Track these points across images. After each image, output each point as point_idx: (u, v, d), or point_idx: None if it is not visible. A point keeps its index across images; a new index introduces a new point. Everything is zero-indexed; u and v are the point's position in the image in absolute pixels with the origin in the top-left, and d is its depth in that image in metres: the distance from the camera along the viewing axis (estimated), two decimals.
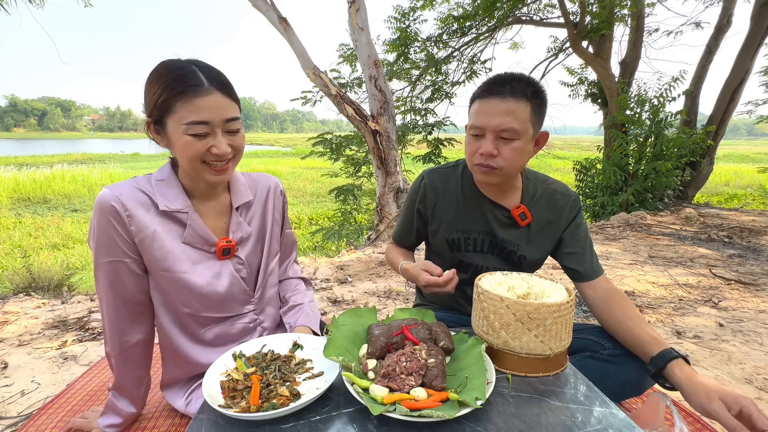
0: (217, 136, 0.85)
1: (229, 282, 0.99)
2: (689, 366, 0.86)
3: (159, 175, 0.94)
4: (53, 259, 5.75)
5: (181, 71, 0.83)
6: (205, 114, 0.82)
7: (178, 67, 0.84)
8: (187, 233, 0.94)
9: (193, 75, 0.83)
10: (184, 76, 0.82)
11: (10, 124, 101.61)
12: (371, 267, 3.62)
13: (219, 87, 0.84)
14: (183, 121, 0.82)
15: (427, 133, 8.00)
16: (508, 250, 1.16)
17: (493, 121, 0.97)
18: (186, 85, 0.81)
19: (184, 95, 0.81)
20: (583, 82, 7.51)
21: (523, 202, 1.14)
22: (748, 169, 16.92)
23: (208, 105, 0.82)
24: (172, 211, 0.91)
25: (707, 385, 0.80)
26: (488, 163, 1.00)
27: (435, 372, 0.74)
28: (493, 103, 0.97)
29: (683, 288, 2.91)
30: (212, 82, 0.84)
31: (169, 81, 0.82)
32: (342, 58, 8.13)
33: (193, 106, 0.81)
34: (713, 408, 0.77)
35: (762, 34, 5.96)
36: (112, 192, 0.86)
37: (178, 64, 0.85)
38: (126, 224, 0.87)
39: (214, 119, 0.84)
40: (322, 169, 12.69)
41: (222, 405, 0.71)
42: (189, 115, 0.82)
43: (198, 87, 0.82)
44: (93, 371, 1.68)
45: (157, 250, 0.90)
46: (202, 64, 0.87)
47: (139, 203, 0.89)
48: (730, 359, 1.89)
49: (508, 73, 1.02)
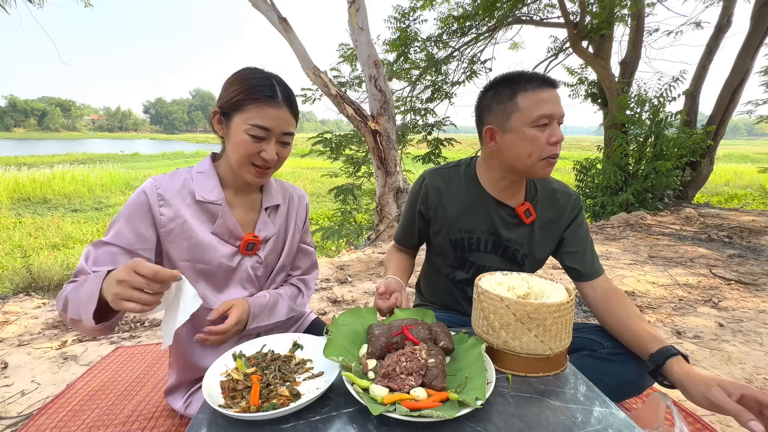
0: (271, 143, 0.95)
1: (245, 278, 1.05)
2: (688, 363, 0.86)
3: (199, 168, 1.03)
4: (53, 259, 5.75)
5: (262, 81, 0.93)
6: (269, 122, 0.92)
7: (260, 76, 0.94)
8: (218, 224, 1.00)
9: (270, 87, 0.93)
10: (263, 86, 0.92)
11: (10, 124, 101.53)
12: (371, 267, 3.62)
13: (288, 103, 0.95)
14: (249, 121, 0.91)
15: (427, 133, 8.00)
16: (511, 250, 1.16)
17: (559, 109, 0.99)
18: (263, 93, 0.91)
19: (258, 101, 0.91)
20: (583, 82, 7.51)
21: (527, 200, 1.14)
22: (748, 169, 16.93)
23: (274, 115, 0.92)
24: (207, 201, 0.99)
25: (706, 375, 0.81)
26: (557, 151, 1.02)
27: (435, 372, 0.74)
28: (554, 93, 1.00)
29: (683, 288, 2.91)
30: (284, 97, 0.94)
31: (249, 85, 0.92)
32: (342, 58, 8.13)
33: (262, 112, 0.91)
34: (713, 394, 0.76)
35: (762, 34, 5.96)
36: (153, 182, 0.95)
37: (260, 73, 0.95)
38: (155, 214, 0.94)
39: (275, 128, 0.93)
40: (322, 169, 12.71)
41: (222, 405, 0.71)
42: (255, 118, 0.91)
43: (272, 98, 0.92)
44: (93, 371, 1.68)
45: (185, 240, 0.97)
46: (280, 80, 0.97)
47: (177, 193, 0.97)
48: (730, 359, 1.89)
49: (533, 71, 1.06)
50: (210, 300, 1.01)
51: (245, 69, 0.97)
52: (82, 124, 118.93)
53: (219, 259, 0.99)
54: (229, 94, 0.93)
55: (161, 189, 0.95)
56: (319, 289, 2.98)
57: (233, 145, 0.94)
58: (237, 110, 0.92)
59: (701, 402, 0.79)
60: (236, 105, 0.92)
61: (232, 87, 0.93)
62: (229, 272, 1.02)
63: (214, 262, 0.99)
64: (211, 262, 0.99)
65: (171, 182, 0.97)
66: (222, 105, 0.95)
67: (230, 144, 0.95)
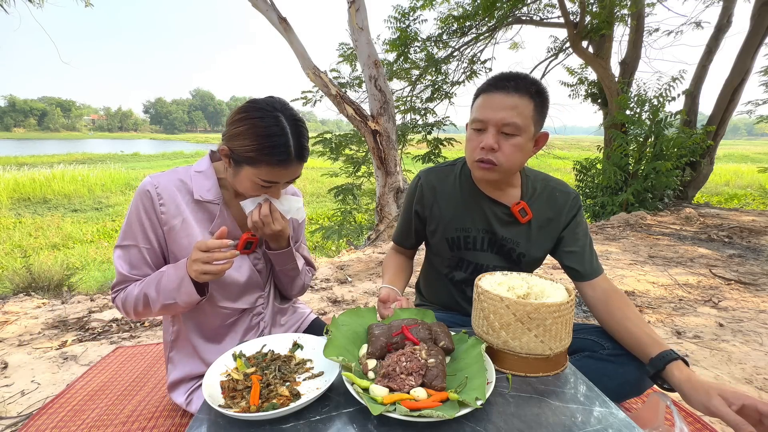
0: (279, 188, 0.98)
1: (248, 274, 1.07)
2: (688, 367, 0.86)
3: (198, 167, 1.03)
4: (53, 259, 5.75)
5: (276, 139, 0.88)
6: (279, 178, 0.94)
7: (275, 135, 0.88)
8: (215, 224, 1.01)
9: (285, 147, 0.89)
10: (278, 146, 0.88)
11: (10, 124, 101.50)
12: (371, 267, 3.62)
13: (300, 158, 0.93)
14: (261, 176, 0.92)
15: (426, 133, 8.01)
16: (507, 248, 1.16)
17: (496, 115, 0.97)
18: (276, 157, 0.89)
19: (271, 164, 0.90)
20: (583, 82, 7.51)
21: (523, 199, 1.13)
22: (748, 169, 16.93)
23: (285, 173, 0.93)
24: (205, 201, 0.99)
25: (706, 383, 0.80)
26: (488, 158, 1.01)
27: (435, 372, 0.74)
28: (497, 97, 0.98)
29: (683, 288, 2.91)
30: (298, 155, 0.92)
31: (263, 145, 0.88)
32: (342, 58, 8.13)
33: (275, 172, 0.92)
34: (713, 404, 0.76)
35: (762, 34, 5.96)
36: (151, 180, 0.96)
37: (275, 128, 0.88)
38: (157, 212, 0.95)
39: (282, 181, 0.95)
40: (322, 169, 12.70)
41: (222, 405, 0.71)
42: (267, 176, 0.92)
43: (285, 161, 0.91)
44: (93, 371, 1.68)
45: (185, 238, 0.98)
46: (294, 128, 0.91)
47: (176, 192, 0.97)
48: (730, 359, 1.89)
49: (513, 71, 1.03)
50: (213, 295, 1.02)
51: (258, 114, 0.89)
52: (82, 124, 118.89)
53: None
54: (242, 146, 0.89)
55: (159, 188, 0.95)
56: (319, 289, 2.98)
57: (239, 183, 0.95)
58: (249, 164, 0.90)
59: (701, 410, 0.79)
60: (248, 160, 0.90)
61: (244, 138, 0.88)
62: (231, 269, 1.02)
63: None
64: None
65: (169, 180, 0.98)
66: (231, 149, 0.92)
67: (237, 180, 0.95)
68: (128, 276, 0.96)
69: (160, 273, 0.94)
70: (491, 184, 1.12)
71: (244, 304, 1.09)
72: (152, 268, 0.98)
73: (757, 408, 0.74)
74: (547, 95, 1.01)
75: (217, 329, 1.08)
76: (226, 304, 1.05)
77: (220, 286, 1.03)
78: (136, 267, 0.97)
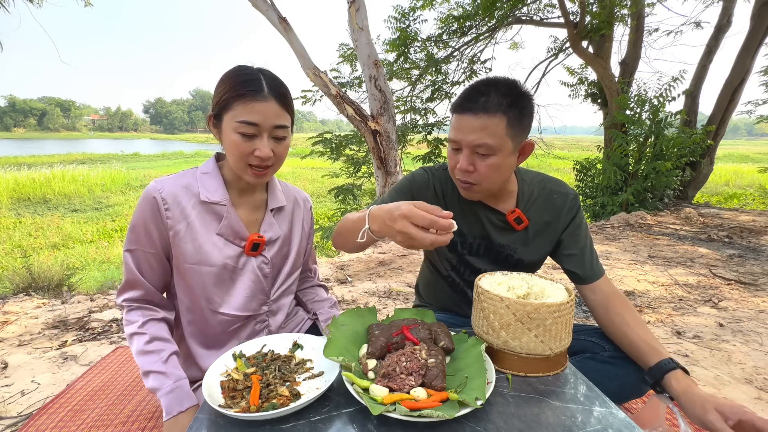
0: (263, 139, 0.92)
1: (253, 279, 1.04)
2: (687, 376, 0.86)
3: (204, 168, 1.03)
4: (53, 259, 5.75)
5: (246, 76, 0.90)
6: (257, 117, 0.89)
7: (245, 72, 0.91)
8: (223, 225, 1.00)
9: (256, 81, 0.90)
10: (248, 81, 0.90)
11: (10, 124, 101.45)
12: (371, 267, 3.62)
13: (276, 96, 0.91)
14: (236, 118, 0.89)
15: (426, 133, 8.00)
16: (504, 254, 1.15)
17: (467, 138, 0.95)
18: (247, 88, 0.89)
19: (244, 97, 0.88)
20: (583, 82, 7.51)
21: (518, 206, 1.11)
22: (748, 169, 16.90)
23: (261, 109, 0.89)
24: (212, 202, 0.98)
25: (703, 396, 0.80)
26: (466, 179, 1.00)
27: (435, 372, 0.74)
28: (466, 119, 0.95)
29: (683, 288, 2.91)
30: (272, 90, 0.91)
31: (234, 83, 0.90)
32: (342, 58, 8.12)
33: (248, 108, 0.89)
34: (709, 419, 0.76)
35: (762, 34, 5.96)
36: (156, 185, 0.95)
37: (246, 69, 0.92)
38: (163, 217, 0.95)
39: (264, 123, 0.90)
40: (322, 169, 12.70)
41: (222, 405, 0.71)
42: (242, 114, 0.89)
43: (257, 92, 0.89)
44: (93, 371, 1.68)
45: (190, 242, 0.97)
46: (267, 73, 0.94)
47: (181, 195, 0.97)
48: (730, 359, 1.89)
49: (486, 80, 0.97)
50: (215, 301, 1.00)
51: (233, 68, 0.95)
52: (82, 124, 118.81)
53: (224, 259, 0.99)
54: (218, 95, 0.92)
55: (164, 192, 0.95)
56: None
57: (227, 147, 0.94)
58: (225, 110, 0.91)
59: (697, 423, 0.79)
60: (224, 105, 0.91)
61: (220, 87, 0.92)
62: (235, 272, 1.01)
63: (219, 263, 0.99)
64: (216, 263, 0.98)
65: (174, 184, 0.97)
66: (213, 107, 0.94)
67: (225, 146, 0.95)
68: (137, 277, 0.98)
69: (161, 362, 0.96)
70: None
71: (247, 311, 1.05)
72: (157, 271, 1.00)
73: (755, 423, 0.74)
74: (526, 102, 0.95)
75: (218, 336, 1.05)
76: (227, 310, 1.02)
77: (222, 291, 1.01)
78: (144, 270, 0.99)
